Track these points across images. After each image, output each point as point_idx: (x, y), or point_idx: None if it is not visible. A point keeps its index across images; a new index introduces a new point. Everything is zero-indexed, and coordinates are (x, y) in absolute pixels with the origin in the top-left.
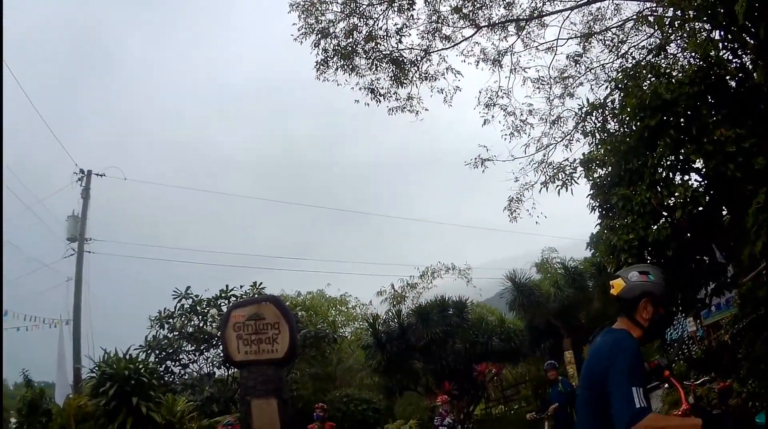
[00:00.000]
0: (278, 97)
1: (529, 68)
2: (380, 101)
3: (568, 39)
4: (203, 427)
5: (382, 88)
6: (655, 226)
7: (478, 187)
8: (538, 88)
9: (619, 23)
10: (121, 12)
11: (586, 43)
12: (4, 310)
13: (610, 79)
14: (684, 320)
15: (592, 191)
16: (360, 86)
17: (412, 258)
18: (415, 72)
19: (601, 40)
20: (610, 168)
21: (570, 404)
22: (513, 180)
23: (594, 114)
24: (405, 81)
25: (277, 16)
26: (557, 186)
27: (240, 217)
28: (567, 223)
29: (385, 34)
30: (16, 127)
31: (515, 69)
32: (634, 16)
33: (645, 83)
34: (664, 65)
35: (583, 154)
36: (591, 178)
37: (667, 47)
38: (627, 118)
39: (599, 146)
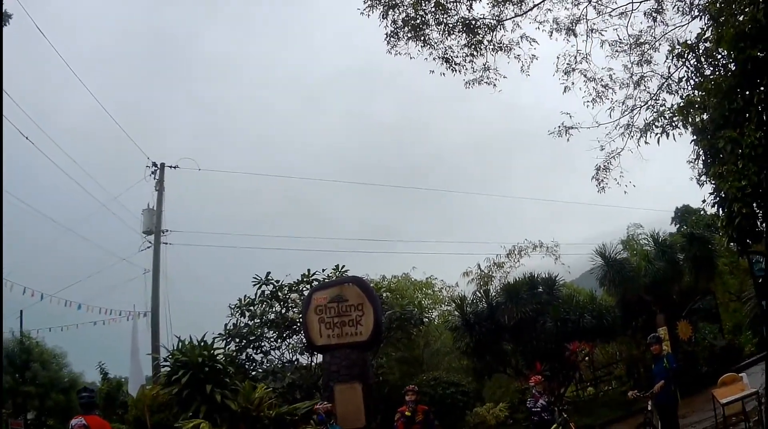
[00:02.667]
0: (361, 85)
1: (606, 30)
2: (455, 71)
3: (640, 3)
4: (282, 414)
5: (457, 56)
6: None
7: (563, 163)
8: (617, 51)
9: None
10: (202, 7)
11: (658, 8)
12: (78, 304)
13: (703, 8)
14: None
15: (694, 137)
16: (434, 56)
17: (497, 237)
18: (489, 41)
19: (673, 1)
20: (711, 110)
21: (675, 381)
22: (599, 148)
23: (687, 57)
24: (480, 49)
25: (358, 5)
26: (657, 134)
27: (322, 202)
28: (651, 196)
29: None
30: (97, 128)
31: (591, 33)
32: None
33: (740, 16)
34: None
35: (679, 101)
36: (690, 124)
37: None
38: (726, 53)
39: (695, 92)
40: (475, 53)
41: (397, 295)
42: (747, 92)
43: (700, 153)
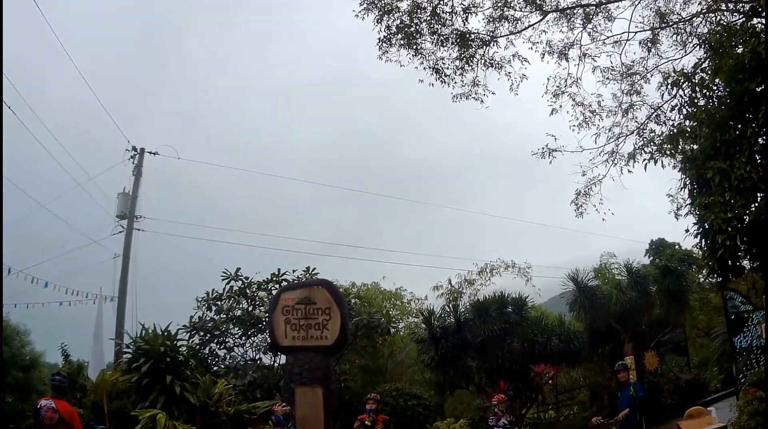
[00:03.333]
0: (343, 93)
1: (599, 56)
2: (444, 82)
3: (635, 33)
4: (241, 412)
5: (448, 68)
6: (756, 204)
7: (539, 187)
8: (608, 78)
9: (689, 17)
10: (191, 2)
11: (654, 38)
12: (45, 282)
13: (703, 38)
14: (755, 326)
15: (682, 166)
16: (425, 66)
17: (470, 254)
18: (481, 56)
19: (669, 35)
20: (702, 140)
21: (640, 410)
22: (581, 173)
23: (682, 85)
24: (471, 63)
25: (344, 11)
26: (644, 160)
27: (296, 205)
28: (626, 227)
29: (451, 10)
30: (78, 110)
31: (583, 58)
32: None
33: (739, 48)
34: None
35: (670, 130)
36: (679, 153)
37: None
38: (722, 83)
39: (687, 122)
40: (466, 67)
41: (366, 303)
42: (740, 125)
43: (687, 182)
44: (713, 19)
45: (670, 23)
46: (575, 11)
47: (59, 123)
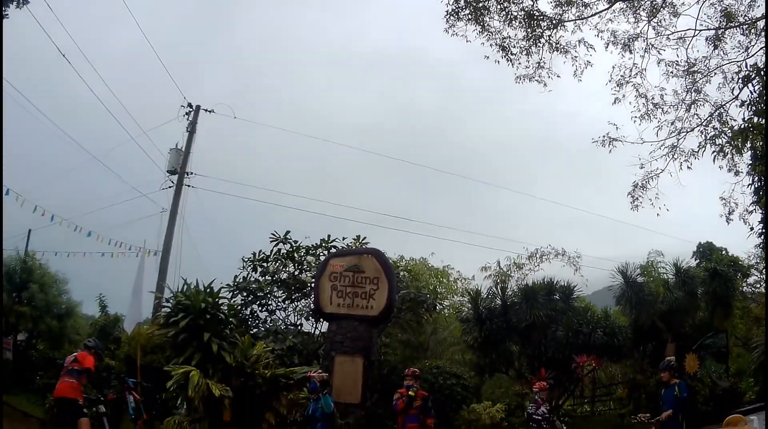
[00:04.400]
0: (403, 68)
1: (664, 50)
2: (510, 61)
3: (700, 31)
4: (278, 376)
5: (514, 46)
6: None
7: (592, 178)
8: (671, 72)
9: (755, 19)
10: None
11: (718, 36)
12: (89, 231)
13: None
14: None
15: (751, 161)
16: (491, 43)
17: (519, 238)
18: (548, 39)
19: (734, 35)
20: None
21: (683, 411)
22: (638, 166)
23: (753, 80)
24: (537, 44)
25: None
26: (713, 151)
27: (348, 174)
28: (674, 228)
29: None
30: (138, 65)
31: (649, 49)
32: None
33: None
34: None
35: (739, 125)
36: (745, 150)
37: None
38: None
39: (757, 117)
40: (532, 48)
41: (413, 277)
42: None
43: (755, 179)
44: None
45: (736, 24)
46: (641, 4)
47: (118, 78)
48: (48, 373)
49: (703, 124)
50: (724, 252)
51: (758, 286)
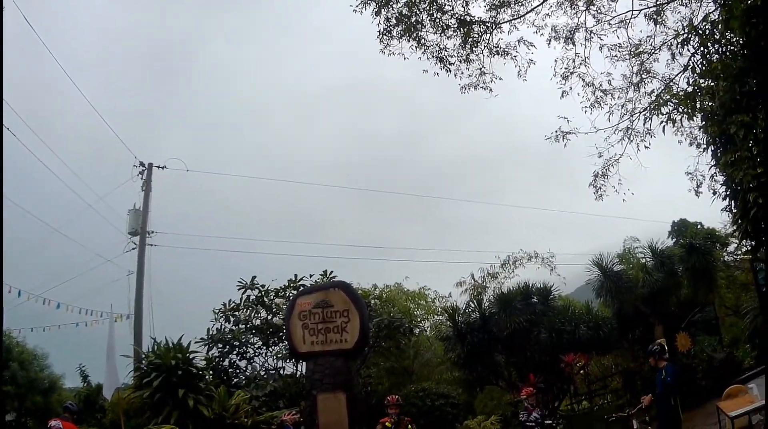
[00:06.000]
0: (360, 98)
1: (605, 36)
2: (450, 71)
3: (639, 12)
4: (259, 422)
5: (452, 56)
6: None
7: (557, 177)
8: (616, 57)
9: None
10: (203, 16)
11: (659, 11)
12: (57, 303)
13: None
14: None
15: (702, 123)
16: (428, 56)
17: (492, 248)
18: (486, 44)
19: (674, 8)
20: (721, 94)
21: (674, 394)
22: (597, 155)
23: (692, 40)
24: (475, 50)
25: (357, 19)
26: (661, 122)
27: (315, 212)
28: (646, 211)
29: None
30: (93, 134)
31: (590, 37)
32: None
33: None
34: None
35: (683, 90)
36: (696, 113)
37: None
38: (736, 31)
39: (702, 79)
40: (470, 55)
41: (388, 304)
42: (759, 75)
43: (709, 141)
44: None
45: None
46: None
47: (73, 149)
48: None
49: (653, 101)
50: (699, 226)
51: (739, 253)
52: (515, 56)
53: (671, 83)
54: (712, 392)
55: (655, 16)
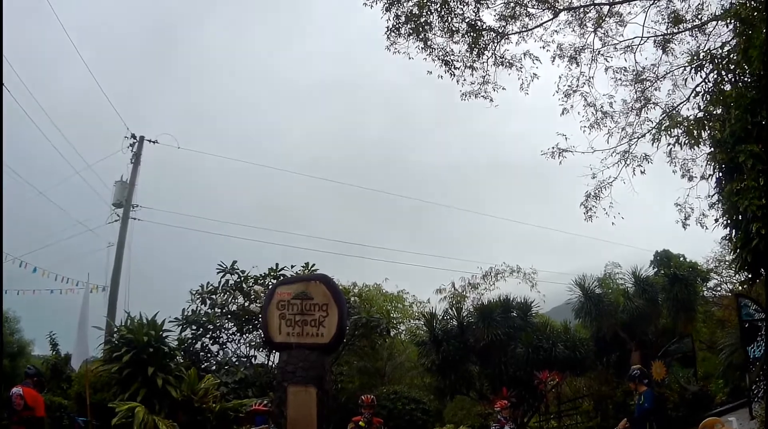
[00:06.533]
0: (351, 96)
1: (611, 58)
2: (454, 75)
3: (647, 38)
4: (227, 409)
5: (457, 60)
6: None
7: (545, 197)
8: (620, 79)
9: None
10: (200, 5)
11: (667, 40)
12: (34, 267)
13: (731, 12)
14: None
15: (711, 150)
16: (434, 57)
17: (474, 259)
18: (492, 53)
19: (682, 39)
20: (733, 122)
21: (650, 419)
22: (590, 176)
23: (704, 69)
24: (481, 57)
25: (354, 15)
26: (669, 144)
27: (298, 204)
28: (630, 239)
29: (462, 1)
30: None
31: (596, 59)
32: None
33: None
34: None
35: (694, 114)
36: (703, 140)
37: None
38: (754, 60)
39: (712, 106)
40: (476, 61)
41: (366, 303)
42: None
43: (715, 169)
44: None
45: (683, 30)
46: (587, 14)
47: (66, 114)
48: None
49: (660, 122)
50: (681, 258)
51: (719, 289)
52: (521, 68)
53: (674, 111)
54: (683, 424)
55: (663, 44)
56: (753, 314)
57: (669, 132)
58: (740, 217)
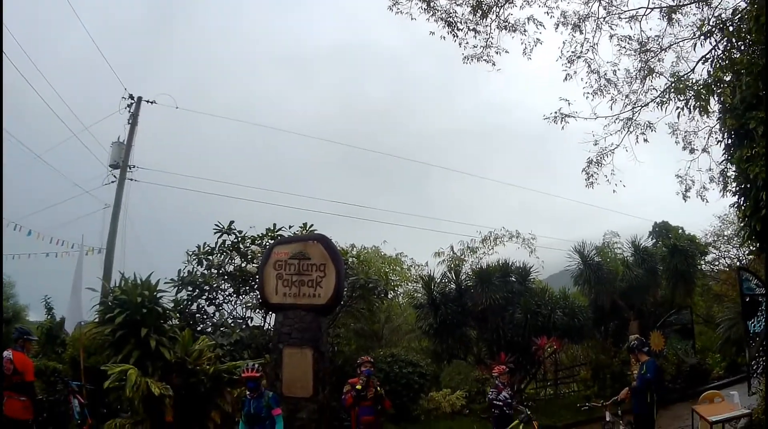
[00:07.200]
0: (355, 61)
1: (616, 26)
2: (457, 36)
3: (652, 9)
4: (221, 371)
5: (461, 22)
6: None
7: (546, 165)
8: (624, 47)
9: None
10: None
11: (672, 13)
12: (29, 230)
13: None
14: None
15: (720, 116)
16: (437, 18)
17: (473, 223)
18: (496, 16)
19: (687, 12)
20: (744, 89)
21: (651, 390)
22: (592, 142)
23: (714, 35)
24: (485, 19)
25: None
26: (677, 107)
27: (299, 166)
28: (629, 209)
29: None
30: (85, 67)
31: (600, 25)
32: None
33: None
34: None
35: (704, 79)
36: (719, 103)
37: None
38: (764, 27)
39: (722, 72)
40: (479, 23)
41: (365, 265)
42: None
43: (725, 135)
44: None
45: (688, 3)
46: None
47: (64, 77)
48: None
49: (664, 89)
50: (680, 231)
51: (716, 263)
52: (524, 31)
53: (684, 76)
54: (681, 396)
55: (669, 14)
56: (754, 288)
57: (678, 96)
58: (749, 184)
